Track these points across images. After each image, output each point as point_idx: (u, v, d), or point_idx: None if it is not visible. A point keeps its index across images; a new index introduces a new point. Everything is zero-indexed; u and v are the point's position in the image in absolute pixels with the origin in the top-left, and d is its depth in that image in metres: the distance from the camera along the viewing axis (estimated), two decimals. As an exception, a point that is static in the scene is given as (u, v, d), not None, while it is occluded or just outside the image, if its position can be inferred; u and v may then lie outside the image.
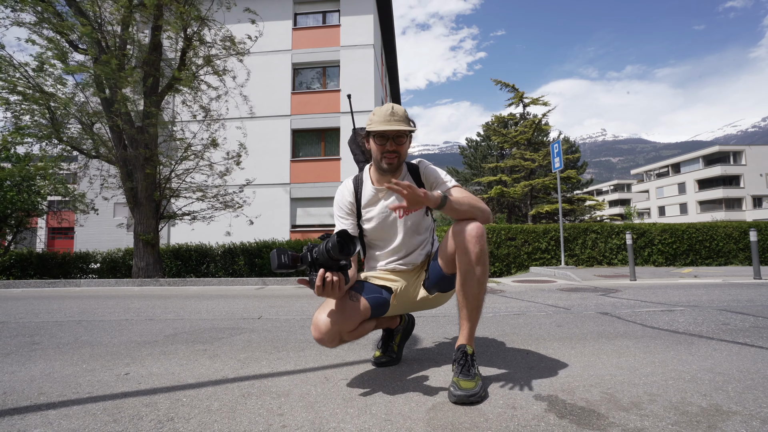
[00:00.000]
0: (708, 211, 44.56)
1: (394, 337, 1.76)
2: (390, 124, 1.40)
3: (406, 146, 1.48)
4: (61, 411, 1.24)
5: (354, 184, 1.62)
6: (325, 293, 1.26)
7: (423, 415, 1.18)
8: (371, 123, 1.45)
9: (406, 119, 1.45)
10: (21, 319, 3.21)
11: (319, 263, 1.24)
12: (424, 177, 1.56)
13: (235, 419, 1.15)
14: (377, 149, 1.46)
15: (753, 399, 1.25)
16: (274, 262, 1.19)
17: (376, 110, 1.46)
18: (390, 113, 1.42)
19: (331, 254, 1.19)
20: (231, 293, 5.46)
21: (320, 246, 1.23)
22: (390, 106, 1.43)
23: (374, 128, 1.42)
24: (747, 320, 2.64)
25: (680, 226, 9.87)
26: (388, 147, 1.44)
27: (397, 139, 1.44)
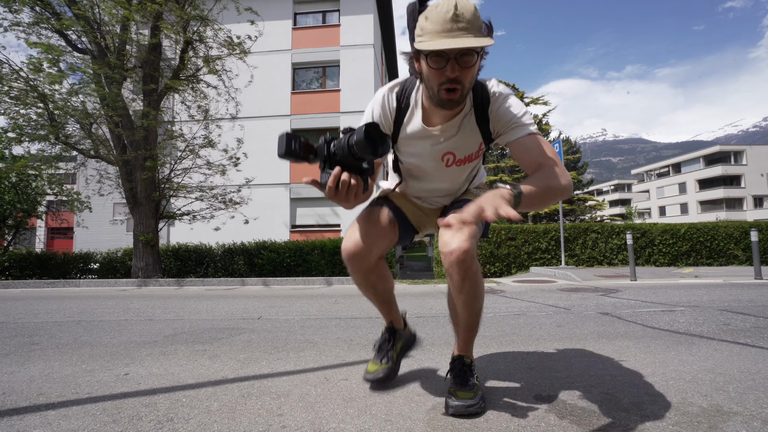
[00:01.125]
0: (709, 211, 44.55)
1: (395, 343, 1.46)
2: (451, 36, 0.94)
3: (475, 69, 1.02)
4: (61, 411, 1.24)
5: (398, 99, 1.19)
6: (337, 198, 1.00)
7: (423, 415, 1.17)
8: (422, 33, 0.99)
9: (477, 25, 0.96)
10: (20, 320, 3.20)
11: (337, 160, 0.99)
12: (494, 116, 1.14)
13: (235, 419, 1.15)
14: (431, 75, 1.02)
15: (754, 399, 1.25)
16: (281, 146, 0.93)
17: (430, 9, 0.98)
18: (452, 16, 0.93)
19: (354, 151, 0.93)
20: (230, 293, 5.46)
21: (341, 139, 0.97)
22: (453, 4, 0.94)
23: (425, 45, 0.96)
24: (748, 320, 2.64)
25: (681, 226, 9.86)
26: (447, 73, 0.98)
27: (462, 59, 0.97)
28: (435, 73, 1.01)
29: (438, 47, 0.94)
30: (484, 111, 1.14)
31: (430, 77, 1.03)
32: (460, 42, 0.93)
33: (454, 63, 0.97)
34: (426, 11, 0.99)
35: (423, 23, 0.99)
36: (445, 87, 1.01)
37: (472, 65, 0.99)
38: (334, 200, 1.00)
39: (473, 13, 0.95)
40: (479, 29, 0.97)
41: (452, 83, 1.00)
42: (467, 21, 0.94)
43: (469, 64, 0.99)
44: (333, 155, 0.99)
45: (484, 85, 1.14)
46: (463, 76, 1.00)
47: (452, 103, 1.05)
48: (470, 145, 1.20)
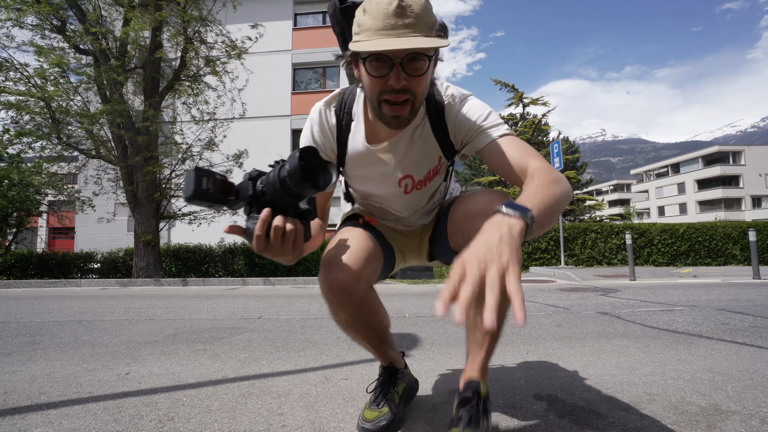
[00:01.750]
0: (707, 211, 44.63)
1: (397, 384, 1.16)
2: (395, 35, 0.74)
3: (427, 78, 0.82)
4: (62, 410, 1.24)
5: (337, 114, 0.99)
6: (269, 250, 0.74)
7: (423, 414, 1.18)
8: (359, 30, 0.78)
9: (429, 22, 0.77)
10: (22, 319, 3.21)
11: (266, 200, 0.74)
12: (453, 124, 0.94)
13: (236, 419, 1.16)
14: (371, 84, 0.81)
15: (752, 398, 1.26)
16: (189, 186, 0.69)
17: (367, 2, 0.78)
18: (396, 9, 0.73)
19: (288, 185, 0.69)
20: (231, 293, 5.47)
21: (270, 173, 0.72)
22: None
23: (362, 45, 0.75)
24: (746, 320, 2.65)
25: (680, 226, 9.88)
26: (391, 82, 0.77)
27: (410, 64, 0.77)
28: (375, 81, 0.79)
29: (377, 48, 0.73)
30: (440, 119, 0.94)
31: (370, 86, 0.81)
32: (406, 42, 0.72)
33: (399, 69, 0.77)
34: (364, 3, 0.78)
35: (360, 18, 0.78)
36: (386, 98, 0.81)
37: (423, 72, 0.79)
38: (266, 254, 0.75)
39: (423, 6, 0.75)
40: (430, 27, 0.77)
41: (398, 96, 0.79)
42: (415, 15, 0.74)
43: (420, 71, 0.78)
44: (261, 195, 0.74)
45: (436, 90, 0.96)
46: (412, 85, 0.79)
47: (399, 120, 0.84)
48: (427, 161, 0.99)
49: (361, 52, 0.77)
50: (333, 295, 0.91)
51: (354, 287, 0.90)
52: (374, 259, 0.98)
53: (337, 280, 0.89)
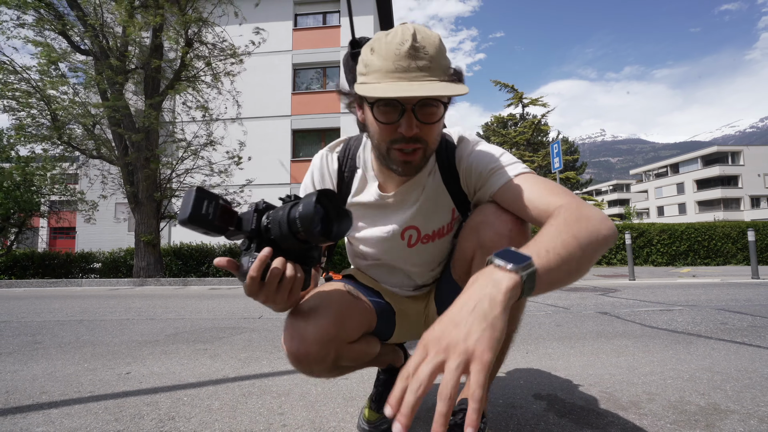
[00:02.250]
0: (706, 211, 44.67)
1: None
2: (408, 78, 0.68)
3: (440, 125, 0.76)
4: (63, 410, 1.25)
5: (340, 160, 0.93)
6: (262, 294, 0.65)
7: (423, 414, 1.18)
8: (366, 71, 0.72)
9: (443, 64, 0.71)
10: (23, 319, 3.21)
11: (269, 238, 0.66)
12: (464, 169, 0.85)
13: (236, 418, 1.16)
14: (380, 131, 0.74)
15: (751, 398, 1.26)
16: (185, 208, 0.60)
17: (378, 40, 0.71)
18: (409, 50, 0.67)
19: (297, 228, 0.62)
20: (232, 293, 5.47)
21: (280, 212, 0.65)
22: (410, 32, 0.68)
23: (371, 90, 0.68)
24: (745, 320, 2.65)
25: (679, 226, 9.89)
26: (403, 130, 0.71)
27: (422, 110, 0.70)
28: (384, 129, 0.73)
29: (389, 95, 0.66)
30: (450, 166, 0.86)
31: (378, 133, 0.74)
32: (421, 88, 0.66)
33: (411, 116, 0.70)
34: (372, 42, 0.72)
35: (368, 57, 0.71)
36: (398, 150, 0.74)
37: (437, 120, 0.72)
38: (257, 298, 0.66)
39: (437, 47, 0.69)
40: (444, 70, 0.70)
41: (409, 145, 0.73)
42: (429, 58, 0.68)
43: (433, 118, 0.72)
44: (265, 231, 0.66)
45: (445, 135, 0.88)
46: (424, 133, 0.72)
47: (409, 167, 0.76)
48: (438, 215, 0.89)
49: (373, 98, 0.69)
50: (297, 366, 0.79)
51: (319, 357, 0.77)
52: (351, 315, 0.84)
53: (300, 354, 0.76)
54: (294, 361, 0.77)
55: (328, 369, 0.81)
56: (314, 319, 0.76)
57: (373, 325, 0.92)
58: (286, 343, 0.77)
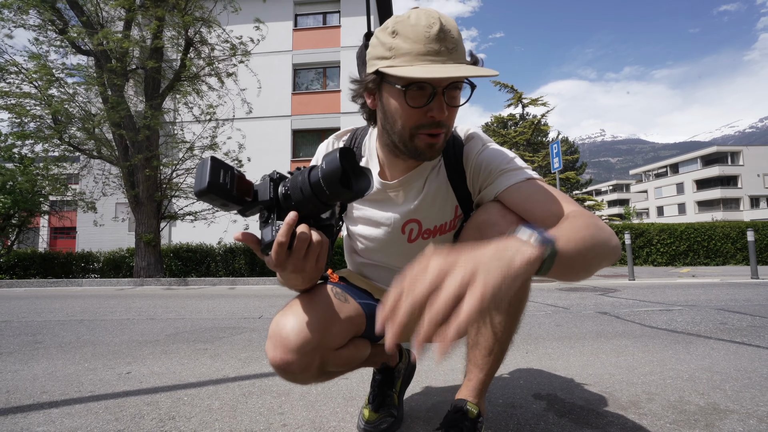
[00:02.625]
0: (706, 211, 44.68)
1: (394, 383, 1.13)
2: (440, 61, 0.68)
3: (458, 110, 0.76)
4: (64, 409, 1.25)
5: None
6: (290, 262, 0.64)
7: (423, 414, 1.18)
8: (392, 54, 0.70)
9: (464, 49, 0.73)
10: (24, 318, 3.21)
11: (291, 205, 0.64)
12: (472, 166, 0.84)
13: (236, 418, 1.16)
14: (406, 115, 0.72)
15: (750, 397, 1.26)
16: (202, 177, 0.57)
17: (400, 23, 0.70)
18: (438, 33, 0.67)
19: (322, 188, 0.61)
20: (232, 293, 5.47)
21: (299, 177, 0.63)
22: (435, 16, 0.68)
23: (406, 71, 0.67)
24: (744, 319, 2.65)
25: (678, 226, 9.89)
26: (434, 114, 0.71)
27: (450, 93, 0.71)
28: (413, 113, 0.71)
29: (429, 75, 0.64)
30: (457, 162, 0.85)
31: (406, 118, 0.72)
32: (459, 70, 0.66)
33: (442, 99, 0.70)
34: (392, 25, 0.70)
35: (390, 41, 0.69)
36: (424, 133, 0.73)
37: (462, 103, 0.73)
38: (284, 268, 0.64)
39: (458, 31, 0.70)
40: (466, 54, 0.73)
41: (436, 129, 0.72)
42: (455, 41, 0.69)
43: (458, 101, 0.73)
44: (284, 199, 0.64)
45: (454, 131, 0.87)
46: (451, 115, 0.73)
47: (434, 151, 0.76)
48: (441, 210, 0.88)
49: (403, 78, 0.67)
50: (281, 375, 0.77)
51: (303, 366, 0.75)
52: (337, 320, 0.81)
53: (282, 364, 0.74)
54: (277, 370, 0.76)
55: (314, 376, 0.80)
56: (296, 327, 0.75)
57: (362, 329, 0.90)
58: (269, 353, 0.76)
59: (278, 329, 0.76)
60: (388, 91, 0.73)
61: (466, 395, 0.89)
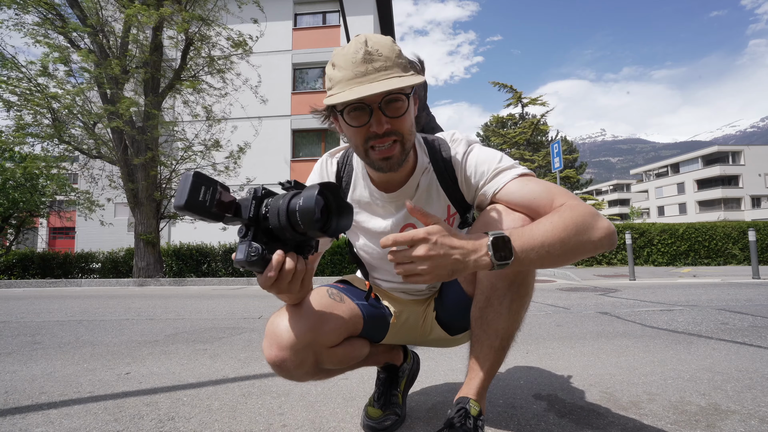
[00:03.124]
0: (707, 211, 44.65)
1: (399, 383, 1.15)
2: (368, 81, 0.73)
3: (410, 116, 0.80)
4: (63, 410, 1.24)
5: (339, 164, 0.98)
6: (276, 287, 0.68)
7: (423, 414, 1.18)
8: (332, 85, 0.77)
9: (399, 62, 0.76)
10: (22, 319, 3.21)
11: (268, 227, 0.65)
12: (463, 169, 0.89)
13: (236, 418, 1.16)
14: (354, 135, 0.79)
15: (751, 398, 1.26)
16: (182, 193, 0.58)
17: (336, 54, 0.77)
18: (364, 55, 0.73)
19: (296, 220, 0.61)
20: (231, 293, 5.47)
21: (280, 200, 0.64)
22: (362, 41, 0.74)
23: (337, 98, 0.73)
24: (746, 320, 2.65)
25: (679, 226, 9.88)
26: (374, 129, 0.76)
27: (388, 107, 0.75)
28: (357, 131, 0.78)
29: (351, 97, 0.70)
30: (446, 165, 0.90)
31: (354, 137, 0.79)
32: (379, 85, 0.71)
33: (379, 114, 0.75)
34: (332, 58, 0.78)
35: (330, 72, 0.77)
36: (372, 144, 0.78)
37: (404, 112, 0.77)
38: (272, 290, 0.69)
39: (390, 47, 0.75)
40: (403, 66, 0.76)
41: (383, 140, 0.77)
42: (384, 58, 0.73)
43: (400, 112, 0.76)
44: (263, 219, 0.65)
45: (439, 138, 0.93)
46: (396, 126, 0.76)
47: (390, 162, 0.79)
48: (434, 212, 0.92)
49: (338, 104, 0.75)
50: (277, 371, 0.81)
51: (297, 363, 0.79)
52: (331, 320, 0.85)
53: (277, 360, 0.79)
54: (273, 367, 0.80)
55: (310, 373, 0.84)
56: (290, 326, 0.79)
57: (359, 329, 0.93)
58: (264, 350, 0.81)
59: (273, 328, 0.81)
60: (339, 118, 0.80)
61: (467, 393, 0.90)
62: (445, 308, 1.01)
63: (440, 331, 1.03)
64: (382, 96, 0.74)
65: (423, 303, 1.06)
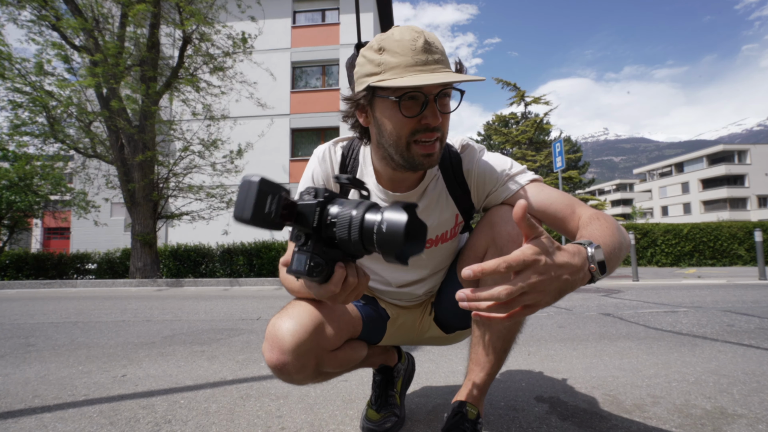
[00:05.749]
0: (712, 211, 44.47)
1: (395, 383, 1.15)
2: (429, 71, 0.70)
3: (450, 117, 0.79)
4: (57, 414, 1.23)
5: (344, 154, 0.92)
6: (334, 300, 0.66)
7: (423, 416, 1.16)
8: (381, 69, 0.72)
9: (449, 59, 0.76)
10: (16, 321, 3.20)
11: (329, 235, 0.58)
12: (473, 175, 0.88)
13: (234, 421, 1.14)
14: (400, 126, 0.74)
15: (759, 402, 1.23)
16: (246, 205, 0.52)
17: (385, 40, 0.73)
18: (424, 45, 0.70)
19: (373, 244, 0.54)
20: (229, 294, 5.46)
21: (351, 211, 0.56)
22: (417, 30, 0.72)
23: (396, 79, 0.69)
24: (752, 321, 2.62)
25: (684, 226, 9.84)
26: (428, 121, 0.72)
27: (441, 101, 0.73)
28: (408, 122, 0.73)
29: (422, 82, 0.66)
30: (455, 173, 0.88)
31: (401, 127, 0.74)
32: (449, 77, 0.68)
33: (434, 105, 0.71)
34: (378, 43, 0.73)
35: (377, 57, 0.72)
36: (417, 138, 0.74)
37: (453, 109, 0.76)
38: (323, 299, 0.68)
39: (441, 43, 0.75)
40: (451, 64, 0.76)
41: (430, 135, 0.73)
42: (441, 52, 0.73)
43: (449, 108, 0.75)
44: (326, 227, 0.58)
45: (448, 143, 0.91)
46: (444, 122, 0.75)
47: (431, 159, 0.76)
48: (442, 219, 0.90)
49: (394, 89, 0.70)
50: (277, 375, 0.80)
51: (298, 367, 0.78)
52: (331, 323, 0.83)
53: (279, 365, 0.77)
54: (274, 370, 0.79)
55: (310, 377, 0.82)
56: (291, 330, 0.77)
57: (358, 331, 0.93)
58: (265, 354, 0.79)
59: (274, 331, 0.78)
60: (381, 105, 0.75)
61: (465, 396, 0.90)
62: (443, 308, 1.00)
63: (437, 329, 1.03)
64: (439, 88, 0.71)
65: (420, 307, 1.05)
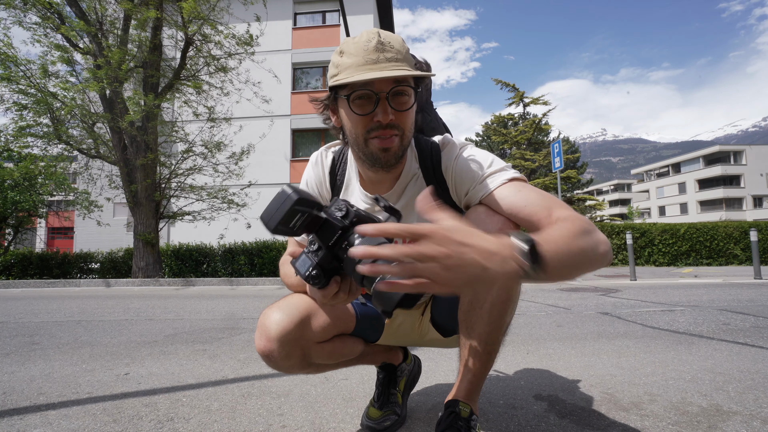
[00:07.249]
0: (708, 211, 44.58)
1: (397, 382, 1.15)
2: (379, 67, 0.72)
3: (413, 112, 0.79)
4: (61, 411, 1.24)
5: (335, 157, 0.97)
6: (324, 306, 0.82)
7: (423, 415, 1.17)
8: (338, 71, 0.76)
9: (409, 58, 0.77)
10: (20, 319, 3.20)
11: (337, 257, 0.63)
12: (452, 173, 0.86)
13: (235, 419, 1.15)
14: (356, 123, 0.77)
15: (753, 399, 1.25)
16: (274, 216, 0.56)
17: (346, 43, 0.77)
18: (377, 44, 0.73)
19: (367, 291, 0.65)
20: (231, 293, 5.46)
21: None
22: (374, 32, 0.75)
23: (346, 78, 0.73)
24: (747, 320, 2.64)
25: (681, 226, 9.87)
26: (379, 118, 0.74)
27: (395, 99, 0.75)
28: (361, 120, 0.75)
29: (357, 79, 0.70)
30: (435, 170, 0.88)
31: (356, 125, 0.77)
32: (391, 72, 0.70)
33: (386, 103, 0.73)
34: (341, 47, 0.77)
35: (337, 60, 0.76)
36: (377, 137, 0.76)
37: (410, 107, 0.76)
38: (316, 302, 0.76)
39: (401, 43, 0.76)
40: (411, 63, 0.77)
41: (387, 132, 0.75)
42: (396, 51, 0.73)
43: (406, 105, 0.76)
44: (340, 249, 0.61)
45: (433, 142, 0.91)
46: (399, 120, 0.76)
47: (389, 155, 0.77)
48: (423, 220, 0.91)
49: (346, 86, 0.74)
50: (265, 361, 0.83)
51: (283, 355, 0.81)
52: (319, 317, 0.86)
53: (265, 351, 0.81)
54: (262, 357, 0.83)
55: (298, 366, 0.85)
56: (278, 320, 0.81)
57: (350, 327, 0.94)
58: (255, 341, 0.84)
59: (264, 320, 0.83)
60: (341, 105, 0.80)
61: (457, 395, 0.91)
62: (440, 310, 1.00)
63: (435, 333, 1.03)
64: (391, 86, 0.73)
65: (418, 308, 1.05)
